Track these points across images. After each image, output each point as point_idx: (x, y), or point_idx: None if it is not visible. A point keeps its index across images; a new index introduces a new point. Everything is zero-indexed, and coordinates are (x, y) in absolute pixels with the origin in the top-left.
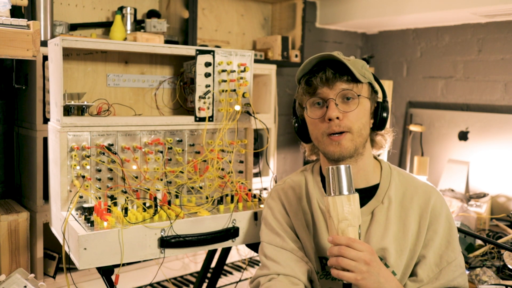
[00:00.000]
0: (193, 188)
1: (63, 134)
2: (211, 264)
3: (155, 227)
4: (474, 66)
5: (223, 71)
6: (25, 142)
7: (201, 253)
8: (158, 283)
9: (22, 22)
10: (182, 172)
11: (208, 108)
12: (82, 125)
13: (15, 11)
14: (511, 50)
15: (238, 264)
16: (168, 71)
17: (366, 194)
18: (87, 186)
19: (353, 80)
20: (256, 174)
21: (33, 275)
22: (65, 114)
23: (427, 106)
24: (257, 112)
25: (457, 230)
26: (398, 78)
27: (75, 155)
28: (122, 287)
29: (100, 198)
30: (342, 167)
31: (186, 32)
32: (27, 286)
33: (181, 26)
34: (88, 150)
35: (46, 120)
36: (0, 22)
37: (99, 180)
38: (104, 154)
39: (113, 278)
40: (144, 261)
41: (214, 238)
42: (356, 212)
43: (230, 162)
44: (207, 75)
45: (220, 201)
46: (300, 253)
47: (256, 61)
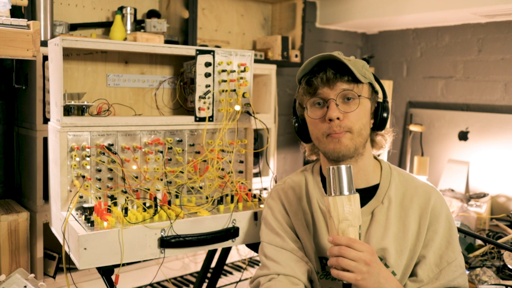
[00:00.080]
0: (193, 188)
1: (63, 134)
2: (211, 264)
3: (155, 227)
4: (474, 66)
5: (223, 71)
6: (25, 142)
7: (201, 253)
8: (158, 283)
9: (22, 22)
10: (182, 172)
11: (208, 108)
12: (82, 125)
13: (15, 11)
14: (511, 50)
15: (238, 264)
16: (168, 71)
17: (366, 194)
18: (87, 186)
19: (353, 80)
20: (256, 174)
21: (33, 275)
22: (65, 114)
23: (427, 106)
24: (257, 112)
25: (457, 230)
26: (398, 78)
27: (75, 155)
28: (122, 287)
29: (100, 198)
30: (343, 167)
31: (186, 32)
32: (27, 286)
33: (181, 26)
34: (88, 150)
35: (46, 120)
36: (0, 22)
37: (99, 180)
38: (104, 154)
39: (113, 278)
40: (144, 261)
41: (214, 238)
42: (356, 212)
43: (230, 162)
44: (207, 75)
45: (220, 201)
46: (300, 253)
47: (256, 61)
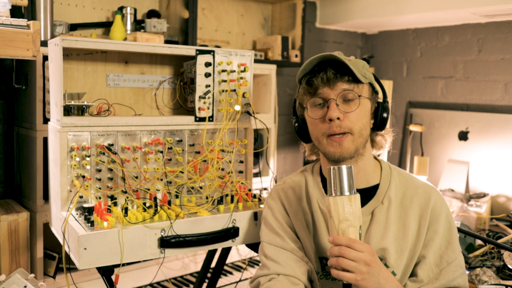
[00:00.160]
0: (193, 188)
1: (63, 134)
2: (211, 264)
3: (155, 227)
4: (474, 66)
5: (223, 71)
6: (25, 142)
7: (201, 253)
8: (158, 283)
9: (22, 22)
10: (182, 172)
11: (208, 108)
12: (82, 125)
13: (15, 11)
14: (511, 50)
15: (238, 264)
16: (168, 71)
17: (366, 194)
18: (87, 186)
19: (354, 80)
20: (256, 174)
21: (33, 275)
22: (65, 114)
23: (427, 106)
24: (257, 112)
25: (457, 230)
26: (398, 78)
27: (75, 155)
28: (122, 287)
29: (100, 198)
30: (344, 167)
31: (186, 32)
32: (27, 286)
33: (181, 26)
34: (88, 150)
35: (46, 120)
36: (0, 22)
37: (99, 180)
38: (104, 154)
39: (113, 278)
40: (144, 261)
41: (214, 238)
42: (357, 212)
43: (230, 162)
44: (207, 75)
45: (220, 201)
46: (300, 253)
47: (256, 61)
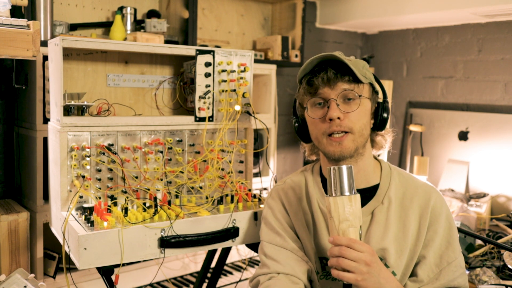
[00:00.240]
0: (193, 188)
1: (63, 134)
2: (211, 264)
3: (155, 227)
4: (474, 66)
5: (223, 71)
6: (25, 142)
7: (201, 253)
8: (158, 283)
9: (22, 22)
10: (182, 172)
11: (208, 108)
12: (82, 125)
13: (15, 11)
14: (511, 50)
15: (238, 264)
16: (168, 71)
17: (366, 194)
18: (87, 186)
19: (354, 80)
20: (256, 174)
21: (33, 275)
22: (65, 114)
23: (427, 106)
24: (257, 112)
25: (457, 230)
26: (398, 78)
27: (75, 155)
28: (122, 287)
29: (100, 198)
30: (344, 168)
31: (186, 32)
32: (27, 286)
33: (181, 26)
34: (88, 150)
35: (46, 120)
36: (0, 22)
37: (99, 180)
38: (104, 154)
39: (113, 278)
40: (144, 261)
41: (214, 238)
42: (357, 212)
43: (230, 162)
44: (207, 75)
45: (220, 201)
46: (300, 252)
47: (256, 61)
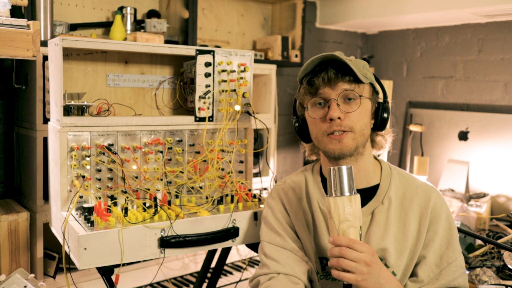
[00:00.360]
0: (193, 188)
1: (63, 134)
2: (211, 264)
3: (155, 227)
4: (474, 66)
5: (223, 71)
6: (25, 142)
7: (201, 253)
8: (158, 283)
9: (22, 22)
10: (182, 172)
11: (208, 108)
12: (82, 125)
13: (15, 11)
14: (511, 50)
15: (238, 264)
16: (168, 71)
17: (366, 195)
18: (87, 186)
19: (355, 80)
20: (256, 174)
21: (33, 275)
22: (65, 114)
23: (427, 106)
24: (257, 112)
25: (457, 230)
26: (398, 78)
27: (75, 155)
28: (122, 287)
29: (100, 198)
30: (344, 168)
31: (186, 32)
32: (27, 286)
33: (181, 26)
34: (88, 150)
35: (46, 120)
36: (0, 22)
37: (99, 180)
38: (104, 154)
39: (113, 278)
40: (144, 261)
41: (214, 238)
42: (357, 213)
43: (230, 162)
44: (207, 75)
45: (220, 201)
46: (300, 252)
47: (256, 61)
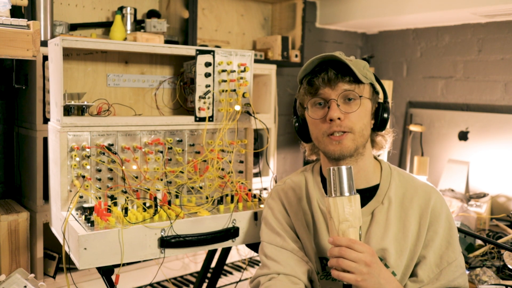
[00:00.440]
0: (193, 188)
1: (63, 134)
2: (211, 264)
3: (155, 227)
4: (474, 66)
5: (223, 71)
6: (25, 142)
7: (201, 253)
8: (158, 283)
9: (22, 22)
10: (182, 172)
11: (208, 108)
12: (82, 125)
13: (15, 11)
14: (511, 50)
15: (238, 264)
16: (168, 71)
17: (366, 195)
18: (87, 186)
19: (355, 80)
20: (256, 174)
21: (33, 275)
22: (65, 114)
23: (427, 106)
24: (257, 112)
25: (457, 230)
26: (398, 78)
27: (75, 155)
28: (122, 287)
29: (100, 198)
30: (343, 168)
31: (186, 32)
32: (27, 286)
33: (181, 26)
34: (88, 150)
35: (46, 120)
36: (0, 22)
37: (99, 180)
38: (104, 154)
39: (113, 278)
40: (144, 261)
41: (214, 238)
42: (357, 213)
43: (230, 162)
44: (207, 75)
45: (220, 201)
46: (300, 253)
47: (256, 61)
